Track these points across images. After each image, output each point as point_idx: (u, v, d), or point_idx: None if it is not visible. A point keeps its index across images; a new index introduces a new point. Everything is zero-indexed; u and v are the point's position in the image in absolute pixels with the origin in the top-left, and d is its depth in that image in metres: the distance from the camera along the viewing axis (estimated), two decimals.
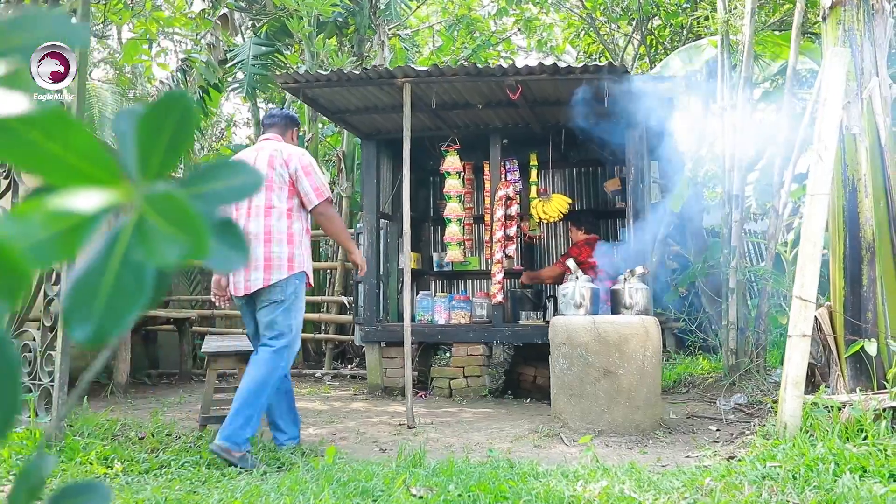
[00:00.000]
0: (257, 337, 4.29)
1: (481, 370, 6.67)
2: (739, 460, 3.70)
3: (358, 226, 7.73)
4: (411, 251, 8.16)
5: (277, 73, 8.06)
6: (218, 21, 7.95)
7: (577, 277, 5.01)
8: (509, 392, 6.91)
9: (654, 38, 11.47)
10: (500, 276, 6.63)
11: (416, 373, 7.75)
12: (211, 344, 4.97)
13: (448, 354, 7.08)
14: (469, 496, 3.08)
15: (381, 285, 7.29)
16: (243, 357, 4.64)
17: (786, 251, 6.30)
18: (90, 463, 3.65)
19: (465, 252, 7.26)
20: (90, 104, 13.80)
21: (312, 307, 9.05)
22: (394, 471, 3.51)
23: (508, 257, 6.84)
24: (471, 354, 6.67)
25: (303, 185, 4.25)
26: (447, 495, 3.07)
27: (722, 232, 6.67)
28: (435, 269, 8.31)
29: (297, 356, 9.19)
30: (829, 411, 3.93)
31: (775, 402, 4.31)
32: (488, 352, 6.83)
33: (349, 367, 8.99)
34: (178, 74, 9.55)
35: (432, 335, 6.78)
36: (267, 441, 4.35)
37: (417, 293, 7.39)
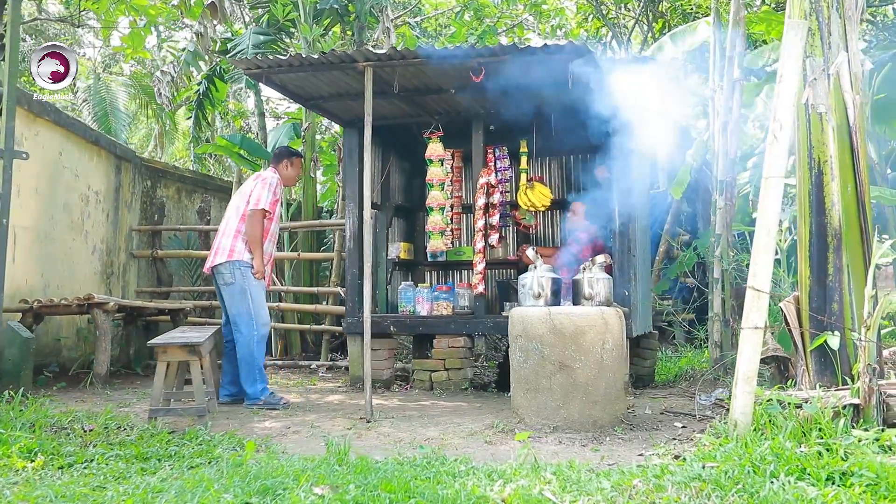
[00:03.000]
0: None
1: (462, 362, 6.49)
2: (682, 460, 3.49)
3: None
4: (404, 241, 8.05)
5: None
6: (206, 9, 7.88)
7: (535, 267, 4.80)
8: (493, 385, 6.73)
9: (667, 21, 11.12)
10: (481, 266, 6.44)
11: (409, 364, 7.61)
12: (164, 336, 4.89)
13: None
14: (373, 495, 2.94)
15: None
16: (190, 348, 4.54)
17: (780, 240, 6.03)
18: (9, 456, 3.58)
19: (449, 242, 7.06)
20: (102, 98, 13.97)
21: (309, 298, 8.98)
22: (309, 467, 3.38)
23: (491, 247, 6.65)
24: (452, 346, 6.49)
25: (252, 195, 5.61)
26: (346, 494, 2.93)
27: (711, 220, 6.39)
28: (429, 259, 8.12)
29: (296, 347, 9.19)
30: (787, 408, 3.70)
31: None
32: (470, 343, 6.64)
33: (347, 358, 8.87)
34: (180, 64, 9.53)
35: (413, 327, 6.62)
36: (207, 436, 4.25)
37: (401, 283, 7.22)
